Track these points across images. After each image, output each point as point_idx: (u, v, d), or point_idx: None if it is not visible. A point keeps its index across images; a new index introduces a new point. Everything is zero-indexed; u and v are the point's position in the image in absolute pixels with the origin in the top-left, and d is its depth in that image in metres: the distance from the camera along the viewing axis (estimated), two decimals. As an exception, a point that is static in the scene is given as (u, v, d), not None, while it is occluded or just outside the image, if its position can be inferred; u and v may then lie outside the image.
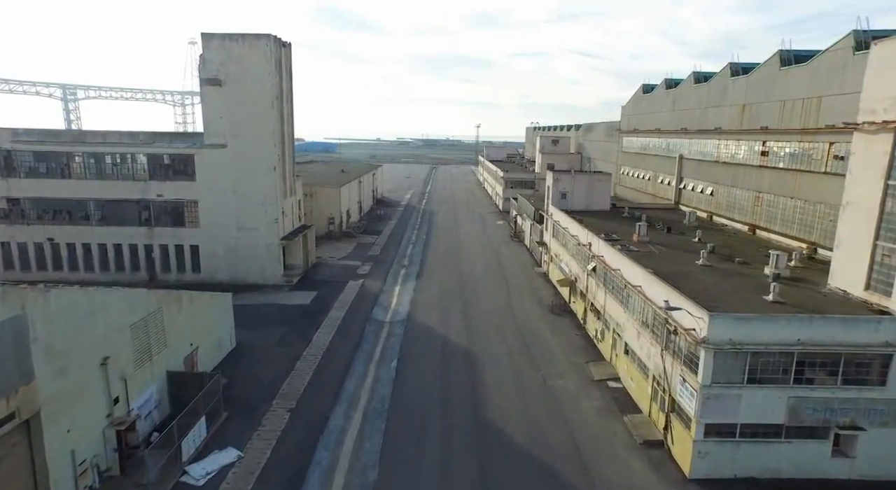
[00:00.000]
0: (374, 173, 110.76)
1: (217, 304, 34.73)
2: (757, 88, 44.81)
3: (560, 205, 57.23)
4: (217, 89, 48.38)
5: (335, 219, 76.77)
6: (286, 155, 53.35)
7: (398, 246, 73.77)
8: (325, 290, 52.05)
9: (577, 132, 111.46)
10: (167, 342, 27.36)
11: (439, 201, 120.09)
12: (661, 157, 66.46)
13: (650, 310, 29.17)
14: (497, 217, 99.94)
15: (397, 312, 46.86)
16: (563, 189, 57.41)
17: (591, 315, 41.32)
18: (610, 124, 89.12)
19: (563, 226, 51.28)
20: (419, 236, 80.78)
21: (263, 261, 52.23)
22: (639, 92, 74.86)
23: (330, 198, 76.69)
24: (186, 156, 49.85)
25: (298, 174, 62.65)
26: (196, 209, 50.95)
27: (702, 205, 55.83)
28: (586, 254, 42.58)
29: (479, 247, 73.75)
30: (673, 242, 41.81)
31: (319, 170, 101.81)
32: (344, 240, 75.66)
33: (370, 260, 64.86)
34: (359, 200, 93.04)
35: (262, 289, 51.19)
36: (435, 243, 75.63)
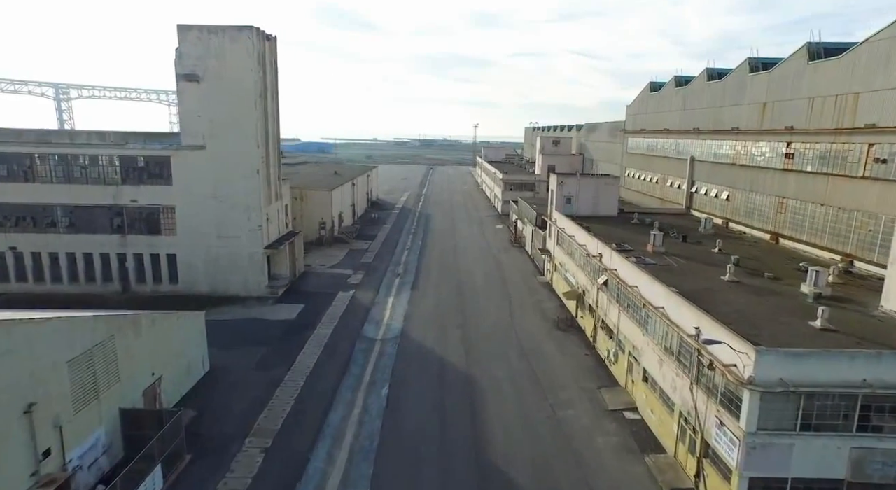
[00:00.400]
0: (368, 175, 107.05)
1: (186, 324, 30.97)
2: (781, 85, 41.25)
3: (565, 210, 53.62)
4: (195, 86, 44.59)
5: (326, 223, 73.02)
6: (271, 157, 49.59)
7: (393, 252, 70.04)
8: (313, 302, 48.28)
9: (578, 132, 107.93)
10: (120, 375, 23.60)
11: (436, 204, 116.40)
12: (670, 159, 62.91)
13: (675, 335, 25.54)
14: (496, 220, 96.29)
15: (390, 328, 43.15)
16: (568, 193, 53.80)
17: (602, 333, 37.67)
18: (614, 124, 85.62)
19: (568, 233, 47.65)
20: (415, 241, 77.06)
21: (246, 271, 48.46)
22: (646, 90, 71.33)
23: (321, 201, 72.92)
24: (162, 158, 46.05)
25: (285, 177, 58.93)
26: (173, 216, 47.15)
27: (716, 210, 52.28)
28: (596, 266, 38.94)
29: (477, 253, 70.07)
30: (691, 253, 38.20)
31: (311, 171, 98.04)
32: (336, 246, 71.90)
33: (362, 268, 61.11)
34: (352, 203, 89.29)
35: (245, 302, 47.41)
36: (431, 249, 71.93)
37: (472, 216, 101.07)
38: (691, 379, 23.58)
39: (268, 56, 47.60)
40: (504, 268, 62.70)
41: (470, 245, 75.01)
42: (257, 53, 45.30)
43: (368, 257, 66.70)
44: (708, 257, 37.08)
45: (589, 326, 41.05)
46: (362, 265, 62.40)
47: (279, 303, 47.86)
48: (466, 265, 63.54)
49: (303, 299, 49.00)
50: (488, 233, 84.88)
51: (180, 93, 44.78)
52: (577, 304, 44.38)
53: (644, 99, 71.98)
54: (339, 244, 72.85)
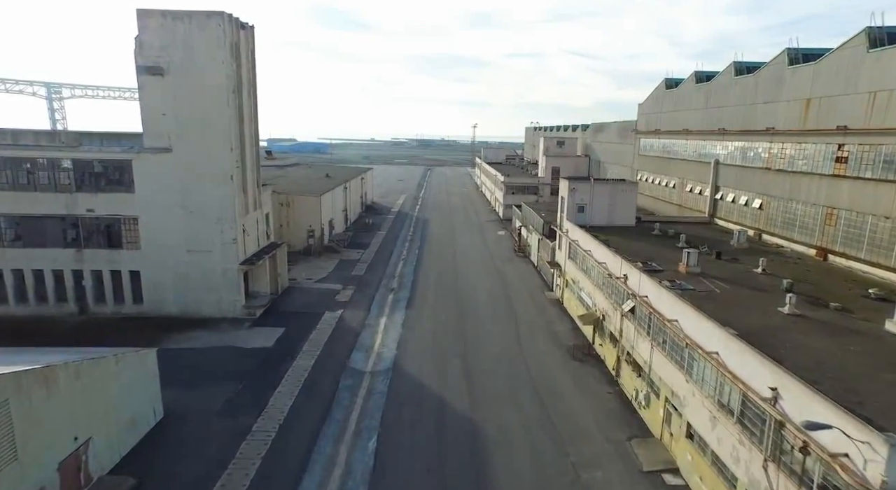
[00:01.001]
0: (362, 177, 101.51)
1: (130, 367, 25.45)
2: (831, 78, 35.86)
3: (577, 219, 48.20)
4: (158, 80, 39.07)
5: (315, 232, 67.46)
6: (248, 160, 44.05)
7: (387, 263, 64.52)
8: (295, 325, 42.76)
9: (584, 133, 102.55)
10: (18, 451, 18.07)
11: (434, 207, 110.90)
12: (689, 162, 57.52)
13: (736, 391, 20.12)
14: (497, 226, 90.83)
15: (381, 358, 37.67)
16: (581, 201, 48.37)
17: (628, 368, 32.23)
18: (624, 124, 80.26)
19: (583, 247, 42.22)
20: (411, 250, 71.57)
21: (220, 290, 42.94)
22: (660, 88, 65.95)
23: (309, 207, 67.38)
24: (122, 162, 40.50)
25: (267, 183, 53.42)
26: (135, 227, 41.62)
27: (746, 220, 46.90)
28: (620, 289, 33.49)
29: (479, 264, 64.59)
30: (731, 274, 32.78)
31: (302, 174, 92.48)
32: (325, 256, 66.35)
33: (353, 282, 55.56)
34: (344, 208, 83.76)
35: (218, 324, 41.87)
36: (429, 260, 66.43)
37: (471, 221, 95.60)
38: (765, 454, 18.16)
39: (243, 47, 42.07)
40: (508, 281, 57.23)
41: (470, 254, 69.53)
42: (230, 43, 39.77)
43: (360, 269, 61.16)
44: (752, 280, 31.65)
45: (610, 357, 35.60)
46: (353, 279, 56.85)
47: (256, 326, 42.30)
48: (467, 278, 58.08)
49: (284, 321, 43.45)
50: (490, 240, 79.40)
51: (142, 88, 39.23)
52: (595, 330, 38.95)
53: (659, 97, 66.61)
54: (328, 254, 67.31)
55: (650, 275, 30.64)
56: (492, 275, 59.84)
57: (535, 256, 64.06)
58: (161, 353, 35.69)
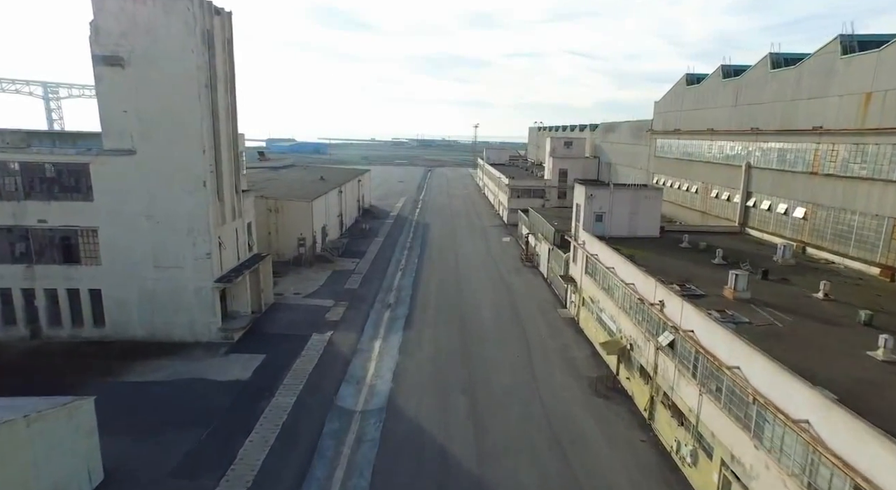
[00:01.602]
0: (359, 180, 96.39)
1: (53, 427, 20.34)
2: (899, 69, 30.75)
3: (595, 230, 43.11)
4: (118, 72, 33.99)
5: (306, 240, 62.35)
6: (224, 164, 38.96)
7: (384, 274, 59.42)
8: (278, 350, 37.65)
9: (592, 133, 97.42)
10: None
11: (435, 211, 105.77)
12: (715, 165, 52.40)
13: (845, 479, 14.99)
14: (502, 232, 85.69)
15: (374, 392, 32.60)
16: (600, 209, 43.26)
17: (665, 412, 27.11)
18: (637, 124, 75.13)
19: (605, 263, 37.10)
20: (410, 259, 66.46)
21: (193, 310, 37.87)
22: (680, 84, 60.82)
23: (299, 214, 62.25)
24: (78, 166, 35.41)
25: (252, 188, 48.37)
26: (95, 240, 36.56)
27: (785, 230, 41.79)
28: (654, 317, 28.38)
29: (483, 275, 59.46)
30: (787, 300, 27.68)
31: (295, 177, 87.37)
32: (317, 266, 61.21)
33: (346, 297, 50.44)
34: (340, 213, 78.64)
35: (190, 351, 36.80)
36: (429, 269, 61.31)
37: (474, 226, 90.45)
38: (896, 578, 13.03)
39: (218, 34, 36.97)
40: (517, 296, 52.09)
41: (474, 264, 64.39)
42: (201, 30, 34.66)
43: (354, 281, 56.03)
44: (816, 309, 26.55)
45: (640, 395, 30.48)
46: (346, 293, 51.71)
47: (234, 352, 37.18)
48: (471, 291, 52.95)
49: (265, 345, 38.33)
50: (494, 247, 74.26)
51: (99, 80, 34.12)
52: (621, 360, 33.82)
53: (678, 94, 61.47)
54: (321, 264, 62.18)
55: (692, 302, 25.50)
56: (498, 288, 54.71)
57: (544, 267, 58.94)
58: (117, 388, 30.79)
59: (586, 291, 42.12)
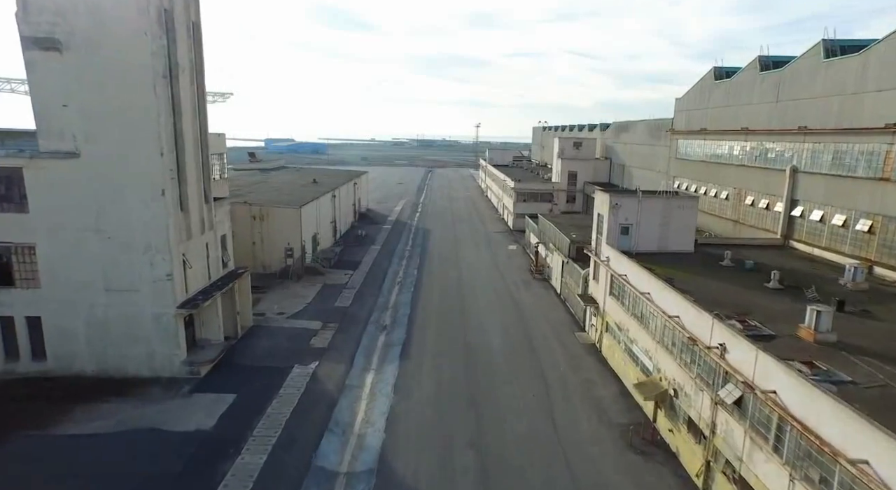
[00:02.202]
0: (355, 183, 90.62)
1: None
2: None
3: (620, 244, 37.37)
4: (54, 58, 28.29)
5: (294, 250, 56.57)
6: (190, 168, 33.25)
7: (379, 289, 53.63)
8: (251, 388, 31.94)
9: (603, 133, 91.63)
10: None
11: (436, 215, 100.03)
12: (751, 169, 46.65)
13: None
14: (507, 239, 79.94)
15: (363, 446, 26.89)
16: (626, 220, 37.50)
17: (729, 486, 21.34)
18: (655, 123, 69.38)
19: (636, 286, 31.37)
20: (408, 271, 60.70)
21: (151, 341, 32.17)
22: (707, 79, 55.05)
23: (287, 222, 56.49)
24: (9, 171, 29.71)
25: (223, 196, 42.71)
26: (32, 258, 30.86)
27: (843, 246, 36.05)
28: (708, 361, 22.63)
29: (489, 290, 53.69)
30: (885, 343, 21.92)
31: (286, 180, 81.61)
32: (306, 279, 55.44)
33: (336, 317, 44.73)
34: (333, 219, 72.88)
35: (147, 389, 31.11)
36: (429, 283, 55.55)
37: (478, 232, 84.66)
38: None
39: (180, 16, 31.22)
40: (527, 315, 46.33)
41: (479, 276, 58.61)
42: (157, 10, 28.92)
43: (346, 297, 50.29)
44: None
45: (691, 457, 24.70)
46: (336, 312, 45.97)
47: (199, 391, 31.46)
48: (476, 310, 47.21)
49: (237, 382, 32.62)
50: (500, 257, 68.47)
51: (31, 68, 28.40)
52: (660, 406, 28.06)
53: (704, 89, 55.70)
54: (311, 276, 56.41)
55: (772, 354, 19.72)
56: (506, 305, 48.94)
57: (557, 281, 53.19)
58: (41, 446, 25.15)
59: (611, 316, 36.36)
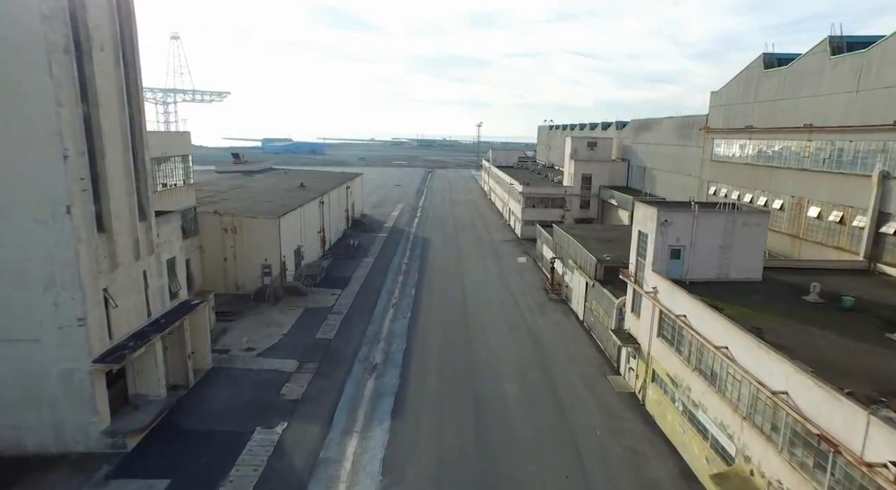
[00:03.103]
0: (348, 186, 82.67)
1: None
2: None
3: (670, 270, 29.44)
4: None
5: (272, 267, 48.65)
6: (115, 176, 25.33)
7: (370, 314, 45.69)
8: (193, 468, 24.05)
9: (620, 132, 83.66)
10: None
11: (436, 221, 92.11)
12: (817, 174, 38.74)
13: None
14: (516, 249, 72.01)
15: (333, 575, 18.95)
16: (678, 241, 29.54)
17: None
18: (684, 120, 61.41)
19: (705, 336, 23.39)
20: (405, 290, 52.80)
21: (58, 406, 24.32)
22: (754, 68, 47.07)
23: (264, 234, 48.60)
24: None
25: (171, 210, 34.87)
26: None
27: (957, 274, 28.08)
28: (852, 475, 14.69)
29: (499, 314, 45.78)
30: None
31: (269, 184, 73.64)
32: (286, 302, 47.54)
33: (316, 354, 36.86)
34: (321, 229, 64.95)
35: (46, 475, 23.23)
36: (429, 307, 47.63)
37: (482, 241, 76.68)
38: None
39: (94, -27, 23.29)
40: (548, 352, 38.38)
41: (486, 296, 50.66)
42: (53, -42, 21.01)
43: (331, 325, 42.43)
44: None
45: None
46: (317, 347, 38.09)
47: (119, 476, 23.53)
48: (485, 345, 39.30)
49: (176, 458, 24.72)
50: (509, 271, 60.52)
51: None
52: (751, 510, 20.08)
53: (750, 80, 47.72)
54: (291, 298, 48.50)
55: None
56: (520, 337, 41.03)
57: (579, 304, 45.30)
58: None
59: (660, 364, 28.41)
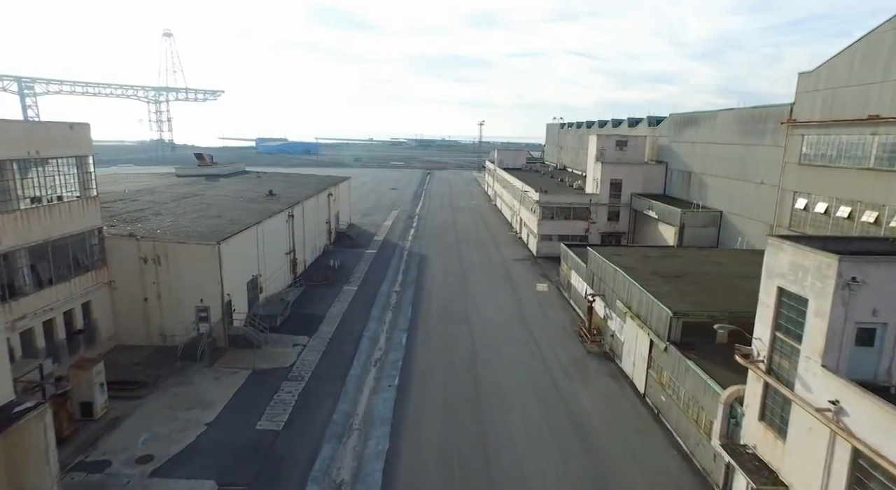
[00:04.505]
0: (330, 193, 69.35)
1: None
2: None
3: (854, 366, 16.19)
4: None
5: (210, 310, 35.44)
6: None
7: (342, 382, 32.37)
8: None
9: (653, 129, 70.44)
10: None
11: (435, 233, 78.88)
12: None
13: None
14: (533, 270, 58.84)
15: None
16: (875, 315, 16.26)
17: None
18: (751, 112, 48.18)
19: None
20: (393, 336, 39.64)
21: None
22: (872, 40, 33.84)
23: (199, 265, 35.37)
24: None
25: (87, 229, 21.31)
26: None
27: None
28: None
29: (524, 382, 32.53)
30: None
31: (230, 192, 60.29)
32: (228, 358, 34.37)
33: (250, 465, 23.63)
34: (290, 250, 51.67)
35: None
36: (425, 369, 34.39)
37: (491, 261, 63.41)
38: None
39: None
40: (604, 461, 25.06)
41: (503, 352, 37.38)
42: None
43: (283, 404, 29.23)
44: None
45: None
46: (254, 452, 24.83)
47: None
48: (510, 451, 26.04)
49: None
50: (528, 306, 47.22)
51: None
52: None
53: (867, 56, 34.51)
54: (236, 353, 35.31)
55: None
56: (557, 426, 27.80)
57: (635, 368, 32.10)
58: None
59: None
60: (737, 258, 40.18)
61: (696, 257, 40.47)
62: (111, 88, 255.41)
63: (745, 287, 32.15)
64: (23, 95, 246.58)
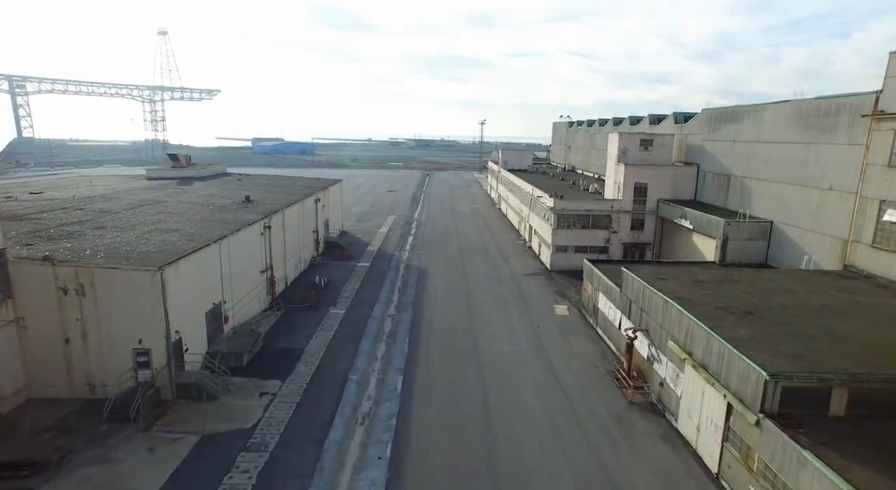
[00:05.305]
0: (318, 198, 61.60)
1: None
2: None
3: None
4: None
5: (152, 355, 27.69)
6: None
7: (317, 452, 24.60)
8: None
9: (681, 127, 62.79)
10: None
11: (435, 241, 71.11)
12: None
13: None
14: (548, 287, 51.13)
15: None
16: None
17: None
18: (815, 104, 40.54)
19: None
20: (386, 379, 31.97)
21: None
22: None
23: (136, 296, 27.63)
24: None
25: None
26: None
27: None
28: None
29: (556, 452, 24.83)
30: None
31: (196, 199, 52.39)
32: (170, 418, 26.67)
33: None
34: (266, 268, 43.90)
35: None
36: (424, 433, 26.67)
37: (500, 276, 55.64)
38: None
39: None
40: None
41: (524, 405, 29.65)
42: None
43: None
44: None
45: None
46: None
47: None
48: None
49: None
50: (548, 335, 39.52)
51: None
52: None
53: None
54: (184, 410, 27.58)
55: None
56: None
57: (702, 434, 24.40)
58: None
59: None
60: (812, 284, 32.41)
61: (760, 282, 32.73)
62: (105, 87, 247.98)
63: (846, 330, 24.48)
64: (14, 95, 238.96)
